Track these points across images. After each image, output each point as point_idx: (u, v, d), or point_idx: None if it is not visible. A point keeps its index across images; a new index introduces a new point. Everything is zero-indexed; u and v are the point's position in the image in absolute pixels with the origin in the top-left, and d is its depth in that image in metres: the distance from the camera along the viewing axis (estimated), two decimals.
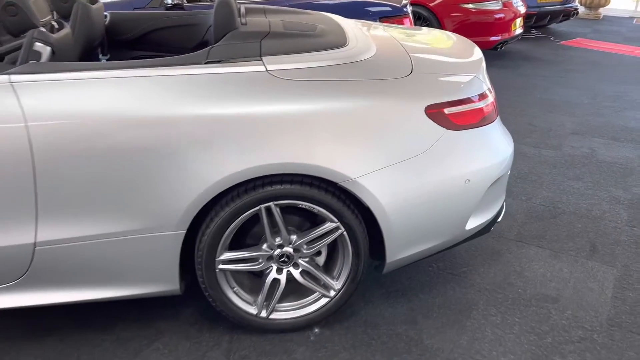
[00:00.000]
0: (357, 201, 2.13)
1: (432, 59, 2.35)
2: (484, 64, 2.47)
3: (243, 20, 2.42)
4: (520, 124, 4.99)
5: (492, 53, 8.15)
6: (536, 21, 9.37)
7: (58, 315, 2.39)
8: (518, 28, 7.63)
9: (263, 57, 2.07)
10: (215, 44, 2.19)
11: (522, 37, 9.48)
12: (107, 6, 4.78)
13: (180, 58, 2.05)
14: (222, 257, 2.12)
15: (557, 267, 2.79)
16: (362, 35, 2.45)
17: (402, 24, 5.15)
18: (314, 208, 2.08)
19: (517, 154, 4.27)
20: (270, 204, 2.05)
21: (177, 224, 2.00)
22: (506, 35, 7.34)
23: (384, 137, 2.05)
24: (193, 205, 1.98)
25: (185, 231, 2.03)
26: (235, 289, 2.22)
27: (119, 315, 2.39)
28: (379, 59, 2.22)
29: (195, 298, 2.50)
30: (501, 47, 7.46)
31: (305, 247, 2.19)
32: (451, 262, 2.80)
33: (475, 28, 7.17)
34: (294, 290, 2.31)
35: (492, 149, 2.26)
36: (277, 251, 2.17)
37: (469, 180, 2.18)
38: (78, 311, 2.42)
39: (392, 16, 5.01)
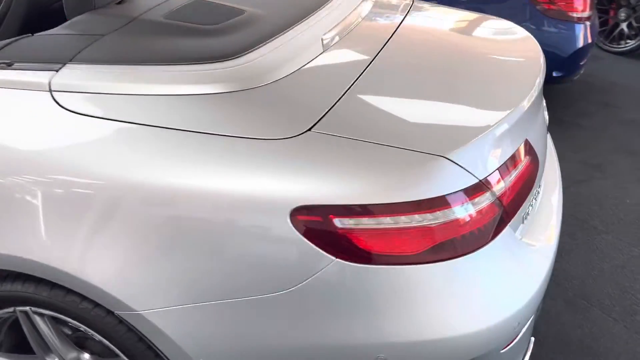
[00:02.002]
0: None
1: (390, 103, 1.23)
2: (521, 110, 1.23)
3: None
4: None
5: None
6: None
7: None
8: None
9: (68, 65, 1.22)
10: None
11: None
12: None
13: None
14: None
15: None
16: (309, 38, 1.41)
17: (571, 3, 3.61)
18: (94, 335, 1.23)
19: None
20: (27, 308, 1.26)
21: None
22: None
23: (206, 251, 1.08)
24: None
25: None
26: None
27: None
28: (273, 92, 1.20)
29: None
30: None
31: None
32: None
33: None
34: None
35: (455, 309, 1.10)
36: None
37: (383, 358, 1.09)
38: None
39: None
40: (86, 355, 1.36)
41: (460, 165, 1.07)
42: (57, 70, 1.21)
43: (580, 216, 2.75)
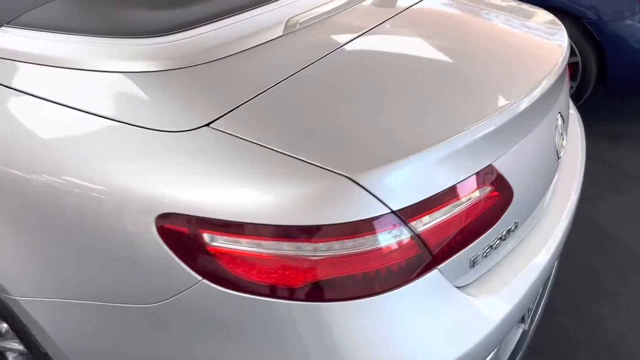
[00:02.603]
0: None
1: (324, 103, 1.03)
2: (488, 127, 0.99)
3: None
4: None
5: None
6: None
7: None
8: None
9: (3, 28, 1.17)
10: None
11: None
12: None
13: None
14: None
15: None
16: (273, 18, 1.24)
17: None
18: None
19: None
20: None
21: None
22: None
23: (72, 247, 0.98)
24: None
25: None
26: None
27: None
28: (194, 76, 1.06)
29: None
30: None
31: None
32: None
33: None
34: None
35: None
36: None
37: None
38: None
39: None
40: (5, 325, 1.33)
41: (368, 191, 0.87)
42: None
43: None
